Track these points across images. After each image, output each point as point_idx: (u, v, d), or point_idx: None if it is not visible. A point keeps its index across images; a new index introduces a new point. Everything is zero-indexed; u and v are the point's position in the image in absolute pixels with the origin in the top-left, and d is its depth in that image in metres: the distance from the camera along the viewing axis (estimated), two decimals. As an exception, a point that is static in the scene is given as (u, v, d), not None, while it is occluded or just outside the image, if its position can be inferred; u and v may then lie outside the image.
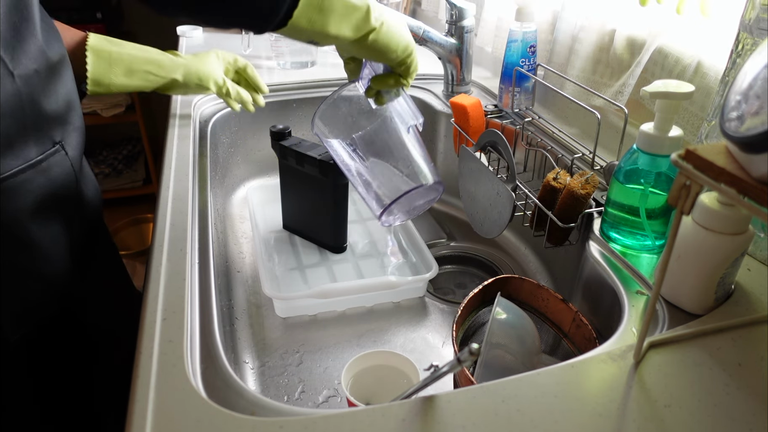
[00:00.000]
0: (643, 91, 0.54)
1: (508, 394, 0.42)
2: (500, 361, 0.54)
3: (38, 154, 0.60)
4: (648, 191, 0.56)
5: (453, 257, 0.93)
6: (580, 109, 0.86)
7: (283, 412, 0.43)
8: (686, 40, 0.70)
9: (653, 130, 0.54)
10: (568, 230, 0.65)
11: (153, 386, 0.43)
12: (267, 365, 0.68)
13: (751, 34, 0.52)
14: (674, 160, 0.38)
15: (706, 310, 0.50)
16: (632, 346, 0.46)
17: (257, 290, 0.80)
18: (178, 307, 0.51)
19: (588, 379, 0.44)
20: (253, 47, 1.31)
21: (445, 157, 1.06)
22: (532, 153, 0.82)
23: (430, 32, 0.95)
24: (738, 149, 0.36)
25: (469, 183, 0.80)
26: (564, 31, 0.86)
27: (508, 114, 0.91)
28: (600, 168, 0.71)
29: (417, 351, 0.72)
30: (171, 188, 0.71)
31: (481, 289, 0.63)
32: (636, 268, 0.57)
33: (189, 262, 0.57)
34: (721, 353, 0.46)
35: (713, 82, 0.64)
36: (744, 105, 0.36)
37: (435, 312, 0.78)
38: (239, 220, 0.97)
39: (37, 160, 0.60)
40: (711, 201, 0.48)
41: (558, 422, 0.40)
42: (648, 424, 0.40)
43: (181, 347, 0.47)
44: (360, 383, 0.56)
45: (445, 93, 1.06)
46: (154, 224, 0.64)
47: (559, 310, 0.62)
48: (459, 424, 0.40)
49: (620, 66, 0.77)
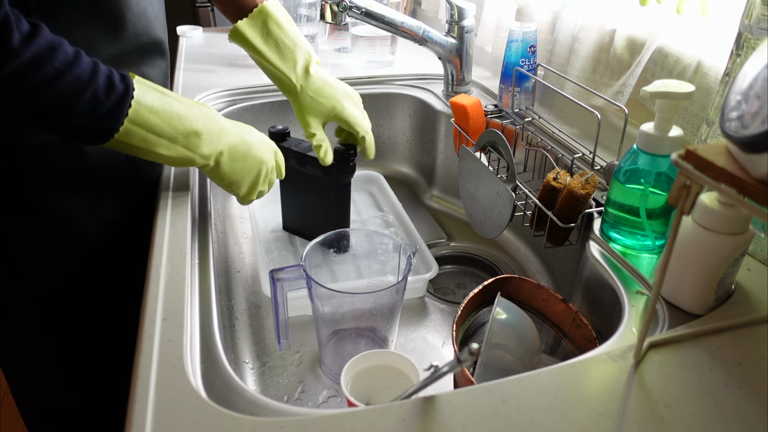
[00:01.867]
0: (643, 91, 0.54)
1: (508, 394, 0.42)
2: (500, 361, 0.54)
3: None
4: (648, 191, 0.56)
5: (453, 257, 0.93)
6: (580, 109, 0.86)
7: (283, 412, 0.43)
8: (686, 40, 0.70)
9: (653, 130, 0.54)
10: (568, 230, 0.65)
11: (153, 386, 0.43)
12: (267, 365, 0.68)
13: (752, 34, 0.52)
14: (674, 160, 0.38)
15: (706, 310, 0.50)
16: (632, 346, 0.46)
17: (257, 290, 0.80)
18: (178, 307, 0.51)
19: (588, 379, 0.44)
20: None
21: (445, 157, 1.06)
22: (532, 153, 0.82)
23: (430, 32, 0.95)
24: (738, 149, 0.36)
25: (469, 183, 0.80)
26: (564, 31, 0.86)
27: (508, 114, 0.91)
28: (600, 168, 0.71)
29: (417, 351, 0.72)
30: (171, 188, 0.71)
31: (481, 289, 0.63)
32: (636, 268, 0.57)
33: (189, 262, 0.57)
34: (721, 353, 0.46)
35: (713, 82, 0.64)
36: (744, 105, 0.36)
37: (435, 312, 0.78)
38: (239, 220, 0.97)
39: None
40: (711, 201, 0.47)
41: (558, 422, 0.40)
42: (648, 424, 0.40)
43: (181, 347, 0.47)
44: (360, 383, 0.56)
45: (445, 93, 1.06)
46: (153, 224, 0.64)
47: (559, 310, 0.62)
48: (459, 424, 0.40)
49: (620, 66, 0.77)
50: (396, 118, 1.13)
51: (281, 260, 0.84)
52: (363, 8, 0.89)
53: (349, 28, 1.22)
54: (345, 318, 0.65)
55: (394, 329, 0.66)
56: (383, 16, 0.91)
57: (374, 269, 0.73)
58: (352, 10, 0.88)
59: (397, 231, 0.91)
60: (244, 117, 1.03)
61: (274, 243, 0.88)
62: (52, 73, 0.48)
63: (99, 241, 0.71)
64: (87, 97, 0.51)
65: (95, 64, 0.52)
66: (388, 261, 0.70)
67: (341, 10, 0.87)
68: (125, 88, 0.53)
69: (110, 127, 0.53)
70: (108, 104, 0.52)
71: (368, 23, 0.92)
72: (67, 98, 0.50)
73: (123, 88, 0.53)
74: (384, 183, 1.02)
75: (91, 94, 0.51)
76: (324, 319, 0.64)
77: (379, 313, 0.63)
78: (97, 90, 0.51)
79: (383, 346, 0.66)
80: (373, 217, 0.97)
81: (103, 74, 0.52)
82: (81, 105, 0.51)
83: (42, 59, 0.48)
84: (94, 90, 0.51)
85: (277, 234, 0.90)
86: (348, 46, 1.28)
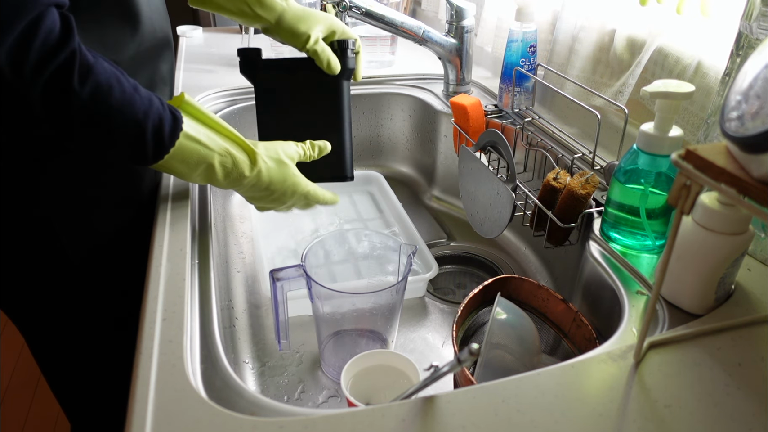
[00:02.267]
0: (643, 91, 0.54)
1: (508, 394, 0.42)
2: (500, 361, 0.54)
3: None
4: (648, 191, 0.56)
5: (453, 257, 0.93)
6: (580, 109, 0.86)
7: (283, 412, 0.43)
8: (686, 40, 0.70)
9: (653, 130, 0.54)
10: (568, 230, 0.65)
11: (153, 386, 0.43)
12: (267, 365, 0.68)
13: (752, 34, 0.52)
14: (674, 160, 0.38)
15: (706, 310, 0.50)
16: (632, 346, 0.46)
17: (257, 290, 0.80)
18: (178, 307, 0.51)
19: (588, 379, 0.44)
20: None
21: (445, 157, 1.06)
22: (532, 153, 0.82)
23: (430, 32, 0.95)
24: (738, 149, 0.36)
25: (469, 183, 0.80)
26: (564, 31, 0.86)
27: (508, 114, 0.91)
28: (600, 168, 0.71)
29: (417, 351, 0.72)
30: (171, 188, 0.71)
31: (481, 289, 0.63)
32: (636, 268, 0.57)
33: (189, 262, 0.57)
34: (721, 353, 0.46)
35: (713, 82, 0.64)
36: (744, 105, 0.36)
37: (435, 312, 0.78)
38: (239, 220, 0.97)
39: None
40: (711, 201, 0.47)
41: (558, 422, 0.40)
42: (648, 424, 0.40)
43: (181, 347, 0.47)
44: (360, 383, 0.56)
45: (445, 93, 1.06)
46: (153, 224, 0.64)
47: (559, 310, 0.62)
48: (459, 424, 0.40)
49: (620, 66, 0.77)
50: (396, 118, 1.13)
51: (281, 260, 0.84)
52: (363, 8, 0.89)
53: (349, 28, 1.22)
54: (345, 318, 0.65)
55: (394, 329, 0.66)
56: (383, 16, 0.91)
57: (374, 269, 0.73)
58: (352, 10, 0.88)
59: (397, 231, 0.91)
60: (244, 117, 1.03)
61: (274, 243, 0.88)
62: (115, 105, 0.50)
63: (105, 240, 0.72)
64: (141, 139, 0.52)
65: (150, 98, 0.54)
66: (388, 261, 0.70)
67: (341, 10, 0.87)
68: (174, 122, 0.55)
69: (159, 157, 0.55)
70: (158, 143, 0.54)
71: (368, 23, 0.92)
72: (120, 133, 0.52)
73: (173, 121, 0.55)
74: (384, 183, 1.02)
75: (153, 122, 0.53)
76: (324, 319, 0.64)
77: (379, 313, 0.63)
78: (147, 135, 0.53)
79: (383, 346, 0.66)
80: (373, 217, 0.97)
81: (155, 107, 0.54)
82: (149, 131, 0.53)
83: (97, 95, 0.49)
84: (147, 134, 0.53)
85: (277, 234, 0.90)
86: (348, 46, 1.28)
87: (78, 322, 0.75)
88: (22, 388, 1.62)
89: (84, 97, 0.48)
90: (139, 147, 0.53)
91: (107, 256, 0.71)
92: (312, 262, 0.65)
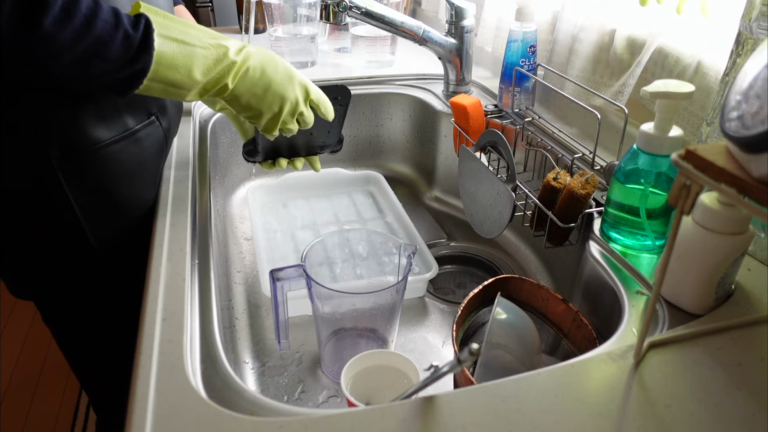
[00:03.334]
0: (643, 91, 0.54)
1: (508, 394, 0.42)
2: (500, 361, 0.54)
3: (135, 125, 0.68)
4: (648, 191, 0.56)
5: (453, 257, 0.93)
6: (580, 109, 0.86)
7: (283, 412, 0.43)
8: (686, 40, 0.70)
9: (653, 130, 0.54)
10: (568, 230, 0.65)
11: (153, 386, 0.43)
12: (267, 365, 0.68)
13: (752, 34, 0.52)
14: (674, 160, 0.38)
15: (706, 310, 0.50)
16: (632, 346, 0.46)
17: (257, 290, 0.80)
18: (178, 307, 0.51)
19: (588, 379, 0.44)
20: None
21: (445, 157, 1.06)
22: (532, 153, 0.82)
23: (430, 32, 0.95)
24: (738, 149, 0.36)
25: (469, 183, 0.80)
26: (564, 31, 0.86)
27: (508, 114, 0.91)
28: (600, 168, 0.71)
29: (417, 351, 0.72)
30: (171, 188, 0.71)
31: (481, 289, 0.63)
32: (636, 268, 0.57)
33: (189, 262, 0.57)
34: (721, 353, 0.46)
35: (713, 82, 0.64)
36: (744, 105, 0.36)
37: (435, 312, 0.78)
38: (239, 220, 0.97)
39: (132, 130, 0.68)
40: (711, 201, 0.47)
41: (558, 422, 0.40)
42: (648, 424, 0.40)
43: (181, 347, 0.47)
44: (360, 383, 0.56)
45: (445, 93, 1.06)
46: (154, 224, 0.64)
47: (559, 310, 0.62)
48: (459, 424, 0.40)
49: (620, 66, 0.77)
50: (396, 118, 1.13)
51: (281, 260, 0.84)
52: (363, 8, 0.89)
53: (349, 28, 1.22)
54: (345, 318, 0.65)
55: (394, 329, 0.66)
56: (383, 16, 0.91)
57: (374, 269, 0.73)
58: (352, 10, 0.88)
59: (397, 231, 0.91)
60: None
61: (274, 243, 0.88)
62: (83, 18, 0.50)
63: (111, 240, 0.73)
64: (120, 36, 0.52)
65: (113, 7, 0.53)
66: (388, 261, 0.70)
67: (341, 10, 0.87)
68: (146, 19, 0.54)
69: (147, 62, 0.54)
70: (138, 37, 0.53)
71: (368, 23, 0.92)
72: (104, 39, 0.51)
73: (144, 19, 0.54)
74: (384, 183, 1.02)
75: (123, 33, 0.52)
76: (324, 319, 0.64)
77: (379, 313, 0.63)
78: (126, 28, 0.52)
79: (383, 346, 0.66)
80: (373, 217, 0.97)
81: (123, 13, 0.53)
82: (116, 45, 0.52)
83: (70, 6, 0.49)
84: (125, 29, 0.52)
85: (277, 234, 0.90)
86: (348, 46, 1.28)
87: (102, 311, 0.76)
88: (22, 388, 1.62)
89: (56, 8, 0.48)
90: (127, 44, 0.52)
91: (131, 248, 0.72)
92: (312, 262, 0.65)
